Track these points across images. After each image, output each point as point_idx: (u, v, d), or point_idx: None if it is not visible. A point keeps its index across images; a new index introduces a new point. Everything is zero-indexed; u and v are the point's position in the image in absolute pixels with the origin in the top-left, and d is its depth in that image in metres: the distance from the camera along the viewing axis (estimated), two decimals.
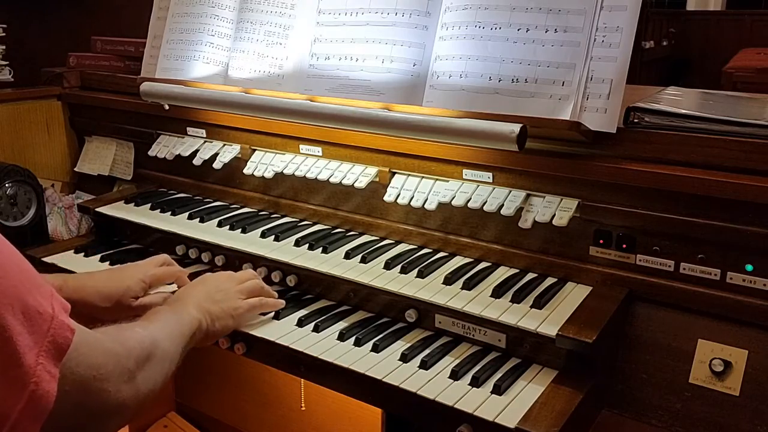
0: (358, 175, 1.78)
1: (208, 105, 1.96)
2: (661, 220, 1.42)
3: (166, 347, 1.19)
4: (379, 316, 1.61)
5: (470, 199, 1.60)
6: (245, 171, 1.97)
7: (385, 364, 1.41)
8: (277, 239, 1.79)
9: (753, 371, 1.33)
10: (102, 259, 1.91)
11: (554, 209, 1.51)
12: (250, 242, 1.78)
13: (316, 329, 1.53)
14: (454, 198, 1.62)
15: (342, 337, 1.50)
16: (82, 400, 0.91)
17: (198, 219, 1.93)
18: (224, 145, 2.07)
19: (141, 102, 2.11)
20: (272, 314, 1.58)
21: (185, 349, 1.31)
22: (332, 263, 1.65)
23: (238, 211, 2.01)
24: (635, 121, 1.47)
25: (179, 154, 2.10)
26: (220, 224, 1.89)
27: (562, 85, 1.48)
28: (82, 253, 1.96)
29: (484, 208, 1.57)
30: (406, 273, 1.59)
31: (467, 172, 1.63)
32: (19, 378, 0.78)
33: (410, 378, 1.36)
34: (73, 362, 0.88)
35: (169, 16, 2.15)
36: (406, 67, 1.69)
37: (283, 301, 1.61)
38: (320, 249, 1.72)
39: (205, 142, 2.11)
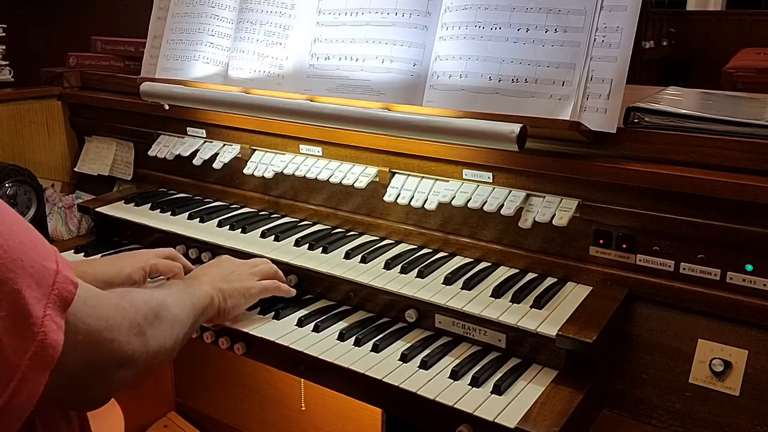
0: (358, 175, 1.78)
1: (208, 105, 1.96)
2: (661, 220, 1.42)
3: (175, 311, 1.21)
4: (379, 316, 1.61)
5: (470, 199, 1.60)
6: (245, 171, 1.97)
7: (385, 364, 1.41)
8: (277, 239, 1.79)
9: (753, 371, 1.32)
10: None
11: (554, 209, 1.51)
12: (250, 242, 1.78)
13: (316, 329, 1.53)
14: (454, 198, 1.62)
15: (342, 337, 1.50)
16: (92, 350, 0.93)
17: (198, 219, 1.93)
18: (224, 145, 2.07)
19: (141, 102, 2.11)
20: (272, 314, 1.58)
21: (196, 322, 1.33)
22: (332, 263, 1.65)
23: (238, 211, 2.01)
24: (635, 121, 1.47)
25: (179, 154, 2.10)
26: (220, 224, 1.89)
27: (562, 85, 1.48)
28: (82, 253, 1.96)
29: (484, 208, 1.57)
30: (406, 273, 1.59)
31: (467, 172, 1.63)
32: (28, 329, 0.80)
33: (410, 378, 1.36)
34: (83, 314, 0.91)
35: (169, 16, 2.15)
36: (406, 67, 1.69)
37: (294, 290, 1.62)
38: (320, 249, 1.72)
39: (205, 142, 2.11)
